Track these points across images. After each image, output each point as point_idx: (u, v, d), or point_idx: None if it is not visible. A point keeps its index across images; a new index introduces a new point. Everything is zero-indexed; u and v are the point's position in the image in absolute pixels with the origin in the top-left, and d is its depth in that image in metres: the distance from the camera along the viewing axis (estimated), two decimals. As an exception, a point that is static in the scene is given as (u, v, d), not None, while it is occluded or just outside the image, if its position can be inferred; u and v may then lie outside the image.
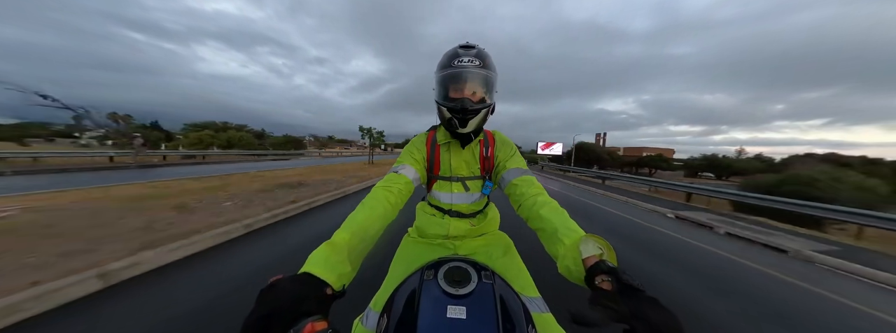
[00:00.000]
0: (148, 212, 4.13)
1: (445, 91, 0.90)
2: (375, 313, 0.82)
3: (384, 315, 0.62)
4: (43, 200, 4.69)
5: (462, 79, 0.87)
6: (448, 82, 0.89)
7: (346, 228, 0.69)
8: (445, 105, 0.89)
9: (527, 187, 0.88)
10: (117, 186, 6.50)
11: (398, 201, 0.85)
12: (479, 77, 0.88)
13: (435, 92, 0.94)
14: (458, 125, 0.90)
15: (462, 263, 0.69)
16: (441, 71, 0.90)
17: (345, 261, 0.60)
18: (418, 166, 0.99)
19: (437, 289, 0.61)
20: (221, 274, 2.56)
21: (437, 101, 0.93)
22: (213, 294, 2.17)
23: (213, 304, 2.05)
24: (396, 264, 1.02)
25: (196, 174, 9.62)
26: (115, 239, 2.98)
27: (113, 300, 2.08)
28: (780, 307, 2.66)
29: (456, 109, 0.87)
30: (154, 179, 8.06)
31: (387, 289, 0.88)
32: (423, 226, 1.10)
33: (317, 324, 0.43)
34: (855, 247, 4.97)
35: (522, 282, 0.91)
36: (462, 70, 0.86)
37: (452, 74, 0.88)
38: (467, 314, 0.55)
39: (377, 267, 1.15)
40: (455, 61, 0.87)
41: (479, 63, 0.87)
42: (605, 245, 0.59)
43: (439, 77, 0.91)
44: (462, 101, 0.86)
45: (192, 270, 2.60)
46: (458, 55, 0.88)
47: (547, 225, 0.73)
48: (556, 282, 0.94)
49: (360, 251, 0.67)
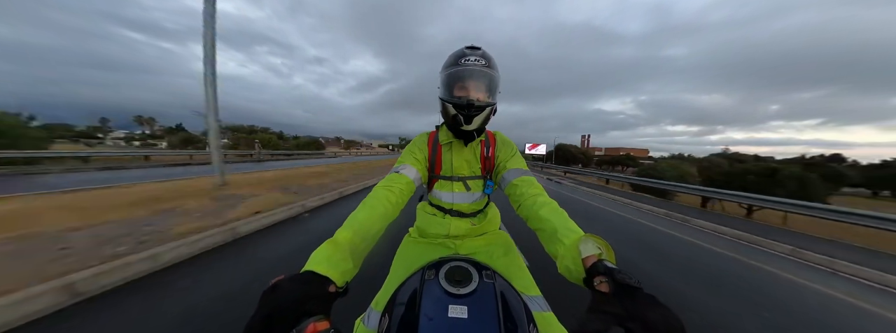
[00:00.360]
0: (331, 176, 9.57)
1: (451, 88, 0.92)
2: (377, 313, 0.82)
3: (386, 314, 0.62)
4: (289, 169, 11.59)
5: (468, 77, 0.89)
6: (454, 80, 0.91)
7: (348, 227, 0.69)
8: (451, 101, 0.90)
9: (527, 187, 0.89)
10: (298, 168, 12.35)
11: (399, 201, 0.85)
12: (484, 76, 0.90)
13: (440, 90, 0.96)
14: (462, 122, 0.91)
15: (463, 263, 0.69)
16: (447, 69, 0.92)
17: (347, 258, 0.60)
18: (419, 166, 0.99)
19: (438, 289, 0.61)
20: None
21: (443, 98, 0.94)
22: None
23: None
24: (397, 264, 1.02)
25: (297, 166, 14.61)
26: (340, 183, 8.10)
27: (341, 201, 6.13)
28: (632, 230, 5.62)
29: (462, 105, 0.88)
30: (290, 167, 13.35)
31: (388, 289, 0.88)
32: (423, 226, 1.10)
33: (319, 324, 0.43)
34: (676, 204, 9.98)
35: (523, 281, 0.91)
36: (469, 68, 0.89)
37: (459, 72, 0.90)
38: (469, 313, 0.56)
39: (378, 267, 1.16)
40: (462, 60, 0.89)
41: (485, 63, 0.89)
42: (604, 244, 0.59)
43: (445, 75, 0.92)
44: (468, 98, 0.88)
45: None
46: (464, 55, 0.90)
47: (546, 226, 0.73)
48: (557, 280, 0.97)
49: (361, 249, 0.67)
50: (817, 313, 2.66)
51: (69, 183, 6.38)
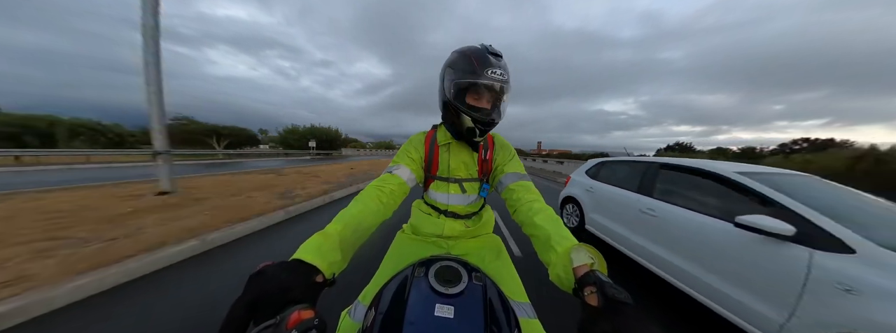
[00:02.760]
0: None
1: (465, 95, 0.87)
2: (364, 306, 0.82)
3: (372, 308, 0.62)
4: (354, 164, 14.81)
5: (493, 91, 0.85)
6: (475, 91, 0.85)
7: (339, 220, 0.69)
8: (470, 114, 0.86)
9: (523, 192, 0.88)
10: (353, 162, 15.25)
11: (390, 201, 0.83)
12: (506, 92, 0.87)
13: (447, 91, 0.89)
14: (478, 134, 0.90)
15: (453, 263, 0.68)
16: (466, 76, 0.83)
17: (336, 250, 0.60)
18: (414, 166, 0.98)
19: (426, 287, 0.61)
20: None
21: (455, 104, 0.87)
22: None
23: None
24: (388, 259, 1.02)
25: (347, 160, 16.90)
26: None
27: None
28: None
29: (483, 121, 0.86)
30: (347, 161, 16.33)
31: (377, 283, 0.87)
32: (417, 224, 1.10)
33: (304, 313, 0.43)
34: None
35: (512, 287, 0.91)
36: (495, 83, 0.83)
37: (484, 85, 0.83)
38: (455, 313, 0.55)
39: (369, 261, 1.15)
40: (488, 71, 0.81)
41: (507, 77, 0.85)
42: (596, 254, 0.59)
43: (464, 83, 0.84)
44: (488, 113, 0.86)
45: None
46: (489, 64, 0.82)
47: (540, 232, 0.73)
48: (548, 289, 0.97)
49: (351, 242, 0.67)
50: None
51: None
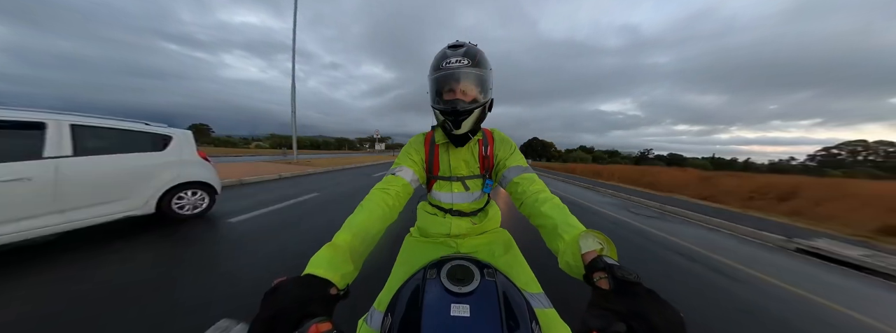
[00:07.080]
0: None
1: (438, 93, 0.89)
2: (379, 312, 0.82)
3: (388, 314, 0.62)
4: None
5: (452, 80, 0.85)
6: (439, 85, 0.88)
7: (347, 229, 0.69)
8: (438, 108, 0.88)
9: (528, 185, 0.88)
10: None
11: (396, 203, 0.84)
12: (469, 76, 0.85)
13: (429, 95, 0.93)
14: (451, 127, 0.89)
15: (464, 261, 0.69)
16: (432, 74, 0.88)
17: (347, 261, 0.60)
18: (416, 167, 0.98)
19: (440, 288, 0.61)
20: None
21: (431, 105, 0.92)
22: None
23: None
24: (399, 263, 1.02)
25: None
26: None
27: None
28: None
29: (448, 112, 0.86)
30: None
31: (390, 289, 0.88)
32: (424, 226, 1.10)
33: (321, 325, 0.43)
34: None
35: (525, 278, 0.91)
36: (451, 71, 0.84)
37: (442, 76, 0.86)
38: (471, 312, 0.56)
39: (380, 267, 1.16)
40: (444, 63, 0.85)
41: (468, 61, 0.84)
42: (605, 239, 0.59)
43: (431, 80, 0.90)
44: (454, 103, 0.85)
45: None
46: (446, 56, 0.85)
47: (548, 222, 0.73)
48: (559, 276, 0.97)
49: (361, 251, 0.67)
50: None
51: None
